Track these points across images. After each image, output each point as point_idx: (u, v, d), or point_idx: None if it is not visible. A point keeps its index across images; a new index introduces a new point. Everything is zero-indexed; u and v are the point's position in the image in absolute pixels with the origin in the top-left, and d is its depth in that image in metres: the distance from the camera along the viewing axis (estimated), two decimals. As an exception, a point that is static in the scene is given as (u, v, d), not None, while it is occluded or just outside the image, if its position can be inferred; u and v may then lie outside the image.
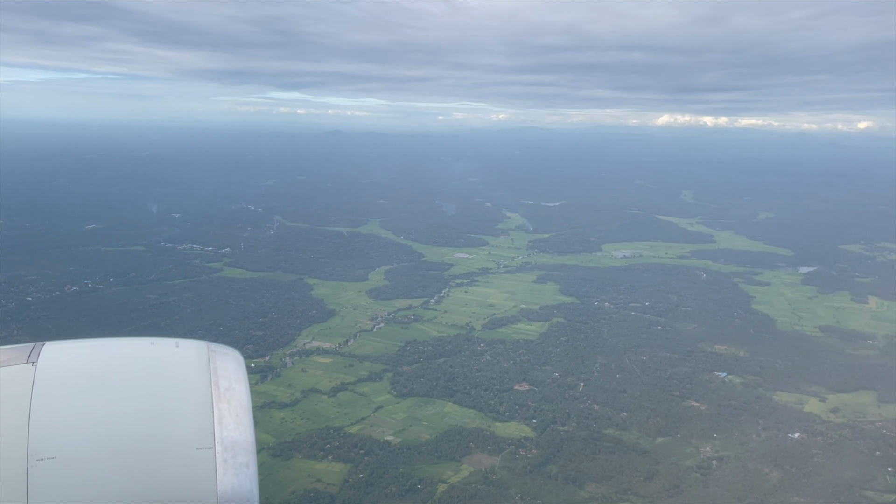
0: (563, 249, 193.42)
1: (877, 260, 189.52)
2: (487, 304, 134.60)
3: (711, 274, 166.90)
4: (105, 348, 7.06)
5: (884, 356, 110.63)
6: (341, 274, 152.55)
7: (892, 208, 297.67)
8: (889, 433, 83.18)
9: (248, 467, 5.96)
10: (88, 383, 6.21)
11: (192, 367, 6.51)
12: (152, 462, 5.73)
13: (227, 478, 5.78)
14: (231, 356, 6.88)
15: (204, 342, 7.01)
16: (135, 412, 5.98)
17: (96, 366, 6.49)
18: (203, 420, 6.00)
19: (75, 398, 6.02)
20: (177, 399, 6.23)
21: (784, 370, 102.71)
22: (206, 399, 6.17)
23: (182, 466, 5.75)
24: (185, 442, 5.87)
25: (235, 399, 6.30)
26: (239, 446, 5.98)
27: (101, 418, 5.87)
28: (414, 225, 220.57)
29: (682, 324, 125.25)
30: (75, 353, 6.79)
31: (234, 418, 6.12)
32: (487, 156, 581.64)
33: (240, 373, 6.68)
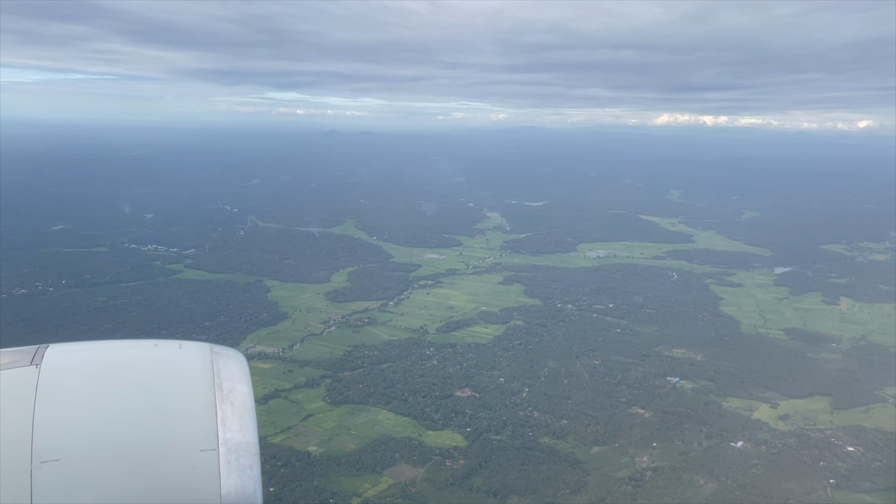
0: (536, 250, 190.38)
1: (856, 260, 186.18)
2: (447, 306, 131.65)
3: (684, 275, 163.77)
4: (108, 350, 7.11)
5: (845, 360, 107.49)
6: (303, 275, 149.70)
7: (880, 207, 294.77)
8: (837, 442, 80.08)
9: (251, 469, 5.92)
10: (92, 385, 6.22)
11: (195, 368, 6.48)
12: (156, 464, 5.69)
13: (231, 479, 5.73)
14: (234, 358, 6.87)
15: (207, 344, 6.94)
16: (138, 414, 5.96)
17: (100, 368, 6.49)
18: (206, 422, 5.98)
19: (79, 400, 6.00)
20: (180, 401, 6.22)
21: (739, 375, 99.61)
22: (210, 401, 6.14)
23: (186, 468, 5.71)
24: (188, 444, 5.83)
25: (238, 401, 6.28)
26: (242, 448, 5.95)
27: (104, 420, 5.85)
28: (390, 225, 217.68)
29: (644, 326, 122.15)
30: (79, 355, 6.79)
31: (238, 420, 6.09)
32: (481, 155, 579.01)
33: (243, 374, 6.67)
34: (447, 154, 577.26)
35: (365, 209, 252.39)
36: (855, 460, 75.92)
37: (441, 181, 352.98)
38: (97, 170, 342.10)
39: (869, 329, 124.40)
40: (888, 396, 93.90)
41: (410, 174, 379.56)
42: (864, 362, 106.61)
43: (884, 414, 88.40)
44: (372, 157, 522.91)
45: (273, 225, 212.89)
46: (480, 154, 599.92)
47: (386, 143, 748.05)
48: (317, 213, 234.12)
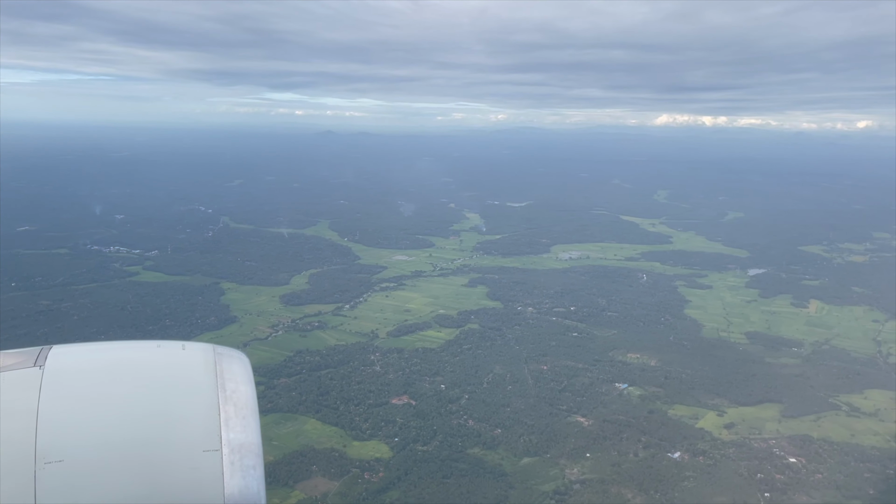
0: (509, 251, 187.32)
1: (833, 262, 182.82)
2: (404, 309, 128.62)
3: (654, 276, 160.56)
4: (112, 351, 7.05)
5: (803, 365, 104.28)
6: (262, 278, 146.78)
7: (867, 208, 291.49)
8: (779, 452, 76.93)
9: (254, 469, 5.91)
10: (95, 386, 6.17)
11: (199, 369, 6.46)
12: (159, 464, 5.69)
13: (234, 480, 5.72)
14: (237, 359, 6.82)
15: (210, 345, 6.88)
16: (141, 415, 5.92)
17: (103, 369, 6.45)
18: (210, 422, 5.96)
19: (82, 401, 5.98)
20: (183, 402, 6.17)
21: (690, 381, 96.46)
22: (213, 401, 6.11)
23: (189, 469, 5.71)
24: (191, 444, 5.82)
25: (242, 401, 6.24)
26: (246, 448, 5.92)
27: (108, 421, 5.81)
28: (364, 226, 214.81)
29: (602, 330, 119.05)
30: (82, 356, 6.77)
31: (241, 420, 6.07)
32: (474, 156, 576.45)
33: (246, 375, 6.62)
34: (440, 155, 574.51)
35: (342, 210, 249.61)
36: (795, 472, 72.76)
37: (427, 181, 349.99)
38: (80, 171, 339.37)
39: (834, 333, 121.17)
40: (842, 404, 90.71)
41: (397, 175, 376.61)
42: (822, 368, 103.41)
43: (834, 423, 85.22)
44: (363, 157, 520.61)
45: (244, 226, 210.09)
46: (474, 155, 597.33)
47: (381, 143, 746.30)
48: (292, 214, 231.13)
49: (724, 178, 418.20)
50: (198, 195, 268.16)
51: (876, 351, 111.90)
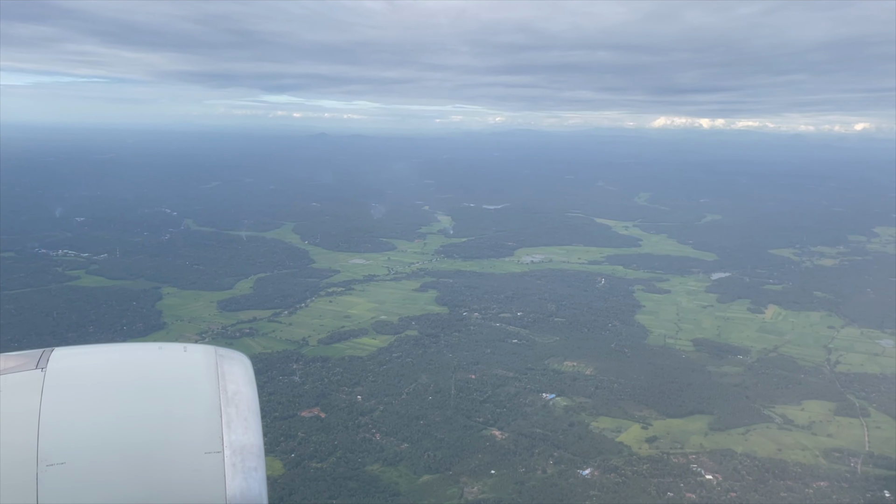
0: (472, 254, 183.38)
1: (801, 266, 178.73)
2: (345, 315, 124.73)
3: (614, 281, 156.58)
4: (113, 353, 7.05)
5: (744, 374, 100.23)
6: (206, 282, 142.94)
7: (848, 210, 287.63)
8: (696, 468, 72.89)
9: (256, 471, 5.85)
10: (97, 388, 6.14)
11: (200, 371, 6.42)
12: (161, 466, 5.66)
13: (236, 482, 5.68)
14: (238, 360, 6.78)
15: (212, 347, 6.87)
16: (143, 417, 5.90)
17: (105, 371, 6.43)
18: (211, 424, 5.93)
19: (84, 403, 5.96)
20: (185, 403, 6.15)
21: (621, 391, 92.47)
22: (215, 403, 6.09)
23: (191, 471, 5.68)
24: (193, 446, 5.79)
25: (243, 403, 6.22)
26: (247, 450, 5.88)
27: (109, 423, 5.79)
28: (329, 229, 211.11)
29: (545, 336, 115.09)
30: (84, 358, 6.74)
31: (243, 422, 6.04)
32: (463, 158, 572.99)
33: (247, 377, 6.60)
34: (429, 157, 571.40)
35: (311, 212, 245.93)
36: (708, 490, 68.73)
37: (408, 184, 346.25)
38: (57, 173, 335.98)
39: (785, 340, 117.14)
40: (776, 416, 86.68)
41: (379, 177, 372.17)
42: (763, 377, 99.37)
43: (763, 436, 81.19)
44: (350, 159, 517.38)
45: (206, 229, 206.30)
46: (463, 157, 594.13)
47: (373, 145, 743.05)
48: (258, 217, 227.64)
49: (710, 180, 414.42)
50: (168, 197, 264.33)
51: (825, 359, 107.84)
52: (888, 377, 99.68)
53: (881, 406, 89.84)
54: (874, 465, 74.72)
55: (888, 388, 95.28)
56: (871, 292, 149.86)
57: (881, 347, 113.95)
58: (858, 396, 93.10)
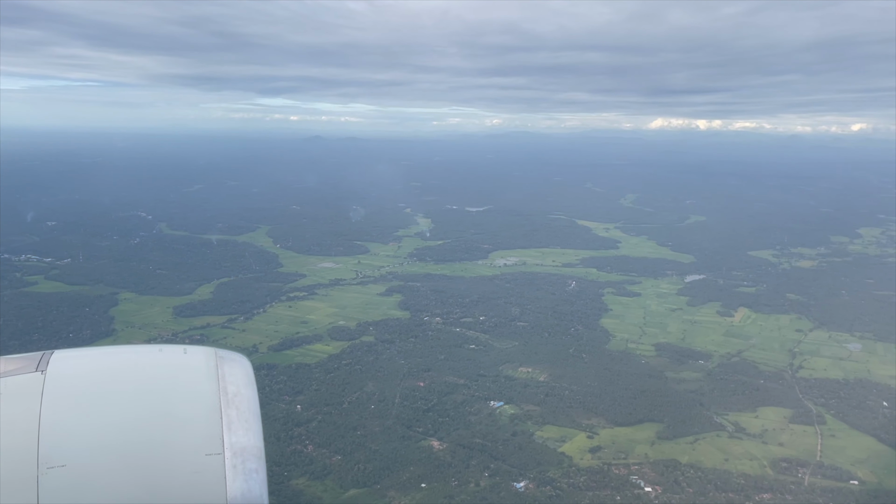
0: (445, 258, 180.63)
1: (779, 268, 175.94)
2: (302, 321, 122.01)
3: (584, 283, 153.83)
4: (113, 355, 7.05)
5: (703, 380, 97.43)
6: (167, 287, 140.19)
7: (835, 211, 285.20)
8: (636, 480, 70.09)
9: (257, 473, 5.87)
10: (97, 391, 6.14)
11: (200, 373, 6.42)
12: (162, 468, 5.66)
13: (237, 483, 5.69)
14: (238, 362, 6.80)
15: (212, 348, 6.83)
16: (143, 419, 5.90)
17: (105, 373, 6.43)
18: (212, 426, 5.93)
19: (84, 406, 5.96)
20: (185, 405, 6.14)
21: (572, 398, 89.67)
22: (215, 405, 6.08)
23: (191, 472, 5.68)
24: (194, 448, 5.80)
25: (244, 405, 6.23)
26: (248, 452, 5.90)
27: (110, 425, 5.79)
28: (304, 232, 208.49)
29: (504, 342, 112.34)
30: (84, 360, 6.76)
31: (243, 424, 6.04)
32: (455, 160, 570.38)
33: (247, 378, 6.61)
34: (421, 159, 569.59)
35: (290, 215, 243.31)
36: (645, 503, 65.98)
37: (393, 186, 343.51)
38: (39, 176, 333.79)
39: (750, 344, 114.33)
40: (728, 424, 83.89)
41: (365, 179, 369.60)
42: (721, 383, 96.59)
43: (711, 445, 78.40)
44: (341, 162, 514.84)
45: (179, 232, 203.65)
46: (456, 159, 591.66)
47: (366, 148, 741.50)
48: (234, 220, 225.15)
49: (700, 181, 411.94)
50: (146, 201, 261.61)
51: (788, 364, 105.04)
52: (850, 383, 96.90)
53: (839, 413, 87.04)
54: (823, 475, 71.93)
55: (848, 395, 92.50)
56: (845, 294, 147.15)
57: (848, 351, 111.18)
58: (817, 403, 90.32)
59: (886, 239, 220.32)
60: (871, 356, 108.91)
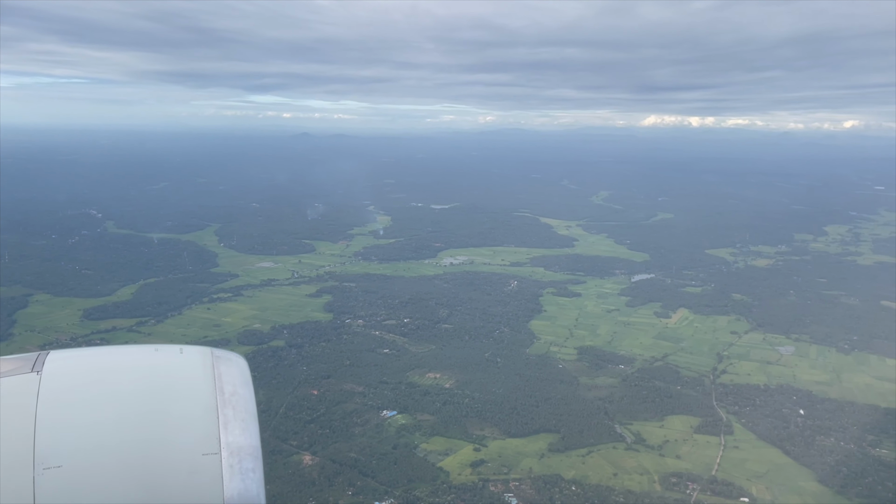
0: (391, 257, 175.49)
1: (733, 266, 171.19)
2: (215, 324, 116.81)
3: (527, 283, 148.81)
4: (109, 355, 7.06)
5: (615, 387, 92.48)
6: (86, 288, 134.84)
7: (807, 208, 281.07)
8: (510, 498, 65.11)
9: (254, 472, 5.85)
10: (93, 391, 6.12)
11: (197, 372, 6.39)
12: (158, 469, 5.65)
13: (234, 483, 5.67)
14: (235, 361, 6.78)
15: (208, 348, 6.83)
16: (140, 419, 5.89)
17: (101, 373, 6.39)
18: (208, 426, 5.91)
19: (80, 406, 5.95)
20: (182, 405, 6.12)
21: (472, 407, 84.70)
22: (211, 405, 6.07)
23: (188, 472, 5.66)
24: (190, 448, 5.78)
25: (240, 404, 6.21)
26: (245, 451, 5.88)
27: (106, 426, 5.78)
28: (254, 230, 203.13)
29: (421, 345, 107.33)
30: (80, 360, 6.74)
31: (240, 423, 6.02)
32: (438, 157, 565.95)
33: (244, 378, 6.60)
34: (404, 156, 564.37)
35: (248, 213, 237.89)
36: (510, 525, 61.00)
37: (365, 183, 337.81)
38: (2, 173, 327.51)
39: (679, 347, 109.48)
40: (629, 434, 79.00)
41: (339, 176, 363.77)
42: (635, 389, 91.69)
43: (604, 458, 73.45)
44: (320, 159, 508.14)
45: (124, 231, 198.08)
46: (440, 155, 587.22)
47: (352, 145, 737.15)
48: (186, 218, 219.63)
49: (679, 178, 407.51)
50: (103, 199, 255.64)
51: (711, 368, 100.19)
52: (770, 389, 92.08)
53: (749, 422, 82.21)
54: (713, 491, 67.08)
55: (764, 402, 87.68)
56: (792, 294, 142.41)
57: (778, 354, 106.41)
58: (729, 411, 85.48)
59: (851, 237, 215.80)
60: (802, 360, 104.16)
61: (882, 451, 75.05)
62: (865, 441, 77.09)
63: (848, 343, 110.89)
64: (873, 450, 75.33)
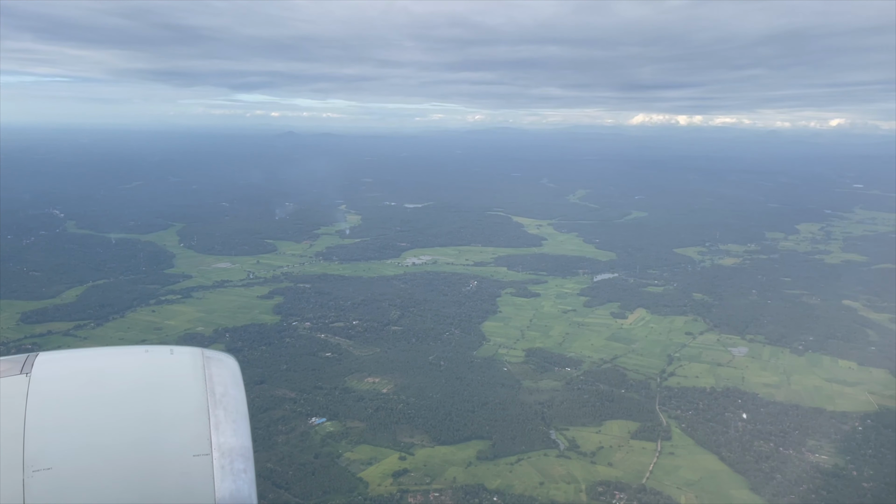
0: (354, 257, 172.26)
1: (699, 266, 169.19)
2: (157, 327, 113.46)
3: (488, 283, 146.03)
4: (99, 357, 6.94)
5: (558, 391, 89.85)
6: (31, 290, 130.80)
7: (782, 206, 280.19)
8: (426, 511, 62.24)
9: (245, 473, 5.80)
10: (83, 392, 6.04)
11: (188, 373, 6.34)
12: (149, 470, 5.58)
13: (225, 484, 5.62)
14: (226, 362, 6.69)
15: (198, 349, 6.77)
16: (130, 420, 5.81)
17: (91, 375, 6.31)
18: (199, 427, 5.85)
19: (70, 408, 5.87)
20: (172, 406, 6.05)
21: (405, 413, 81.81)
22: (202, 405, 6.00)
23: (179, 473, 5.61)
24: (181, 449, 5.72)
25: (231, 405, 6.14)
26: (236, 452, 5.82)
27: (96, 427, 5.71)
28: (217, 230, 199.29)
29: (365, 348, 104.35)
30: (69, 362, 6.65)
31: (231, 424, 5.97)
32: (423, 156, 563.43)
33: (235, 378, 6.51)
34: (387, 155, 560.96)
35: (216, 212, 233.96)
36: (421, 540, 58.15)
37: (341, 181, 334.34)
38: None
39: (631, 348, 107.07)
40: (563, 440, 76.39)
41: (315, 175, 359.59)
42: (578, 393, 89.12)
43: (533, 466, 70.77)
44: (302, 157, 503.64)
45: (84, 231, 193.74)
46: (424, 154, 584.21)
47: (338, 144, 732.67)
48: (151, 218, 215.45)
49: (660, 176, 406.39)
50: (69, 198, 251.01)
51: (660, 370, 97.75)
52: (717, 392, 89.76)
53: (689, 427, 79.80)
54: (640, 501, 64.51)
55: (708, 405, 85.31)
56: (754, 294, 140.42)
57: (730, 356, 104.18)
58: (671, 415, 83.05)
59: (822, 235, 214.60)
60: (753, 361, 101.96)
61: (821, 457, 72.81)
62: (805, 446, 74.84)
63: (803, 344, 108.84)
64: (812, 455, 73.08)
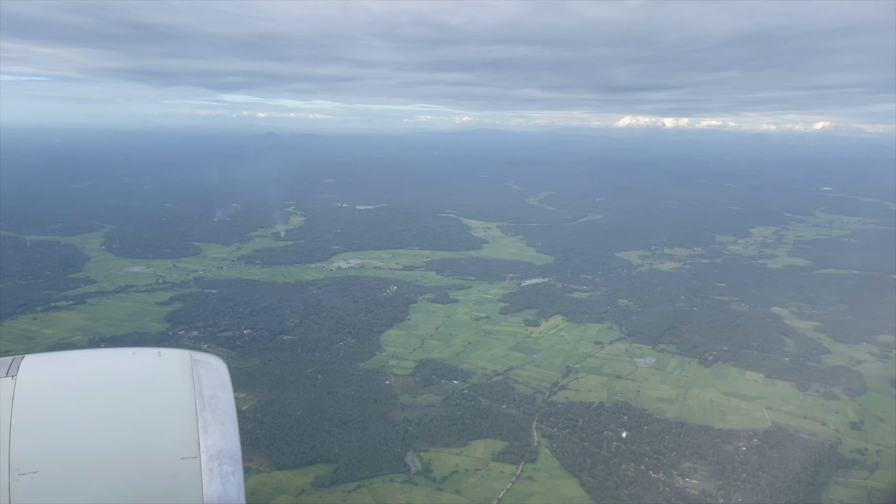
0: (280, 260, 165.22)
1: (636, 270, 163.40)
2: (30, 337, 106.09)
3: (408, 288, 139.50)
4: (86, 359, 6.88)
5: (433, 407, 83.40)
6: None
7: (743, 209, 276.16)
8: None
9: (234, 475, 5.78)
10: (70, 395, 5.99)
11: (175, 376, 6.31)
12: (137, 473, 5.55)
13: (213, 487, 5.59)
14: (214, 365, 6.64)
15: (187, 351, 6.74)
16: (118, 423, 5.76)
17: (77, 377, 6.27)
18: (187, 429, 5.82)
19: (56, 411, 5.82)
20: (160, 409, 6.00)
21: (255, 433, 75.09)
22: (190, 408, 5.98)
23: (167, 476, 5.58)
24: (169, 452, 5.70)
25: (220, 407, 6.11)
26: (224, 455, 5.81)
27: (83, 431, 5.65)
28: (146, 233, 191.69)
29: (244, 360, 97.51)
30: (56, 365, 6.58)
31: (219, 427, 5.95)
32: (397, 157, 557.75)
33: (223, 381, 6.46)
34: (361, 157, 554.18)
35: (153, 214, 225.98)
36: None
37: (299, 183, 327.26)
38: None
39: (531, 359, 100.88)
40: (417, 464, 69.92)
41: (275, 175, 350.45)
42: (454, 409, 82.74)
43: (372, 494, 64.26)
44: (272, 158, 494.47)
45: (4, 233, 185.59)
46: (399, 155, 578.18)
47: (316, 144, 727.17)
48: (82, 219, 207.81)
49: (626, 178, 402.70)
50: (5, 198, 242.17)
51: (553, 383, 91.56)
52: (603, 407, 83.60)
53: (560, 447, 73.54)
54: (474, 536, 58.08)
55: (588, 423, 79.13)
56: (682, 300, 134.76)
57: (634, 367, 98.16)
58: (545, 434, 76.84)
59: (774, 239, 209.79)
60: (656, 374, 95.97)
61: (691, 482, 66.75)
62: (677, 469, 68.74)
63: (713, 354, 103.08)
64: (682, 480, 67.00)
